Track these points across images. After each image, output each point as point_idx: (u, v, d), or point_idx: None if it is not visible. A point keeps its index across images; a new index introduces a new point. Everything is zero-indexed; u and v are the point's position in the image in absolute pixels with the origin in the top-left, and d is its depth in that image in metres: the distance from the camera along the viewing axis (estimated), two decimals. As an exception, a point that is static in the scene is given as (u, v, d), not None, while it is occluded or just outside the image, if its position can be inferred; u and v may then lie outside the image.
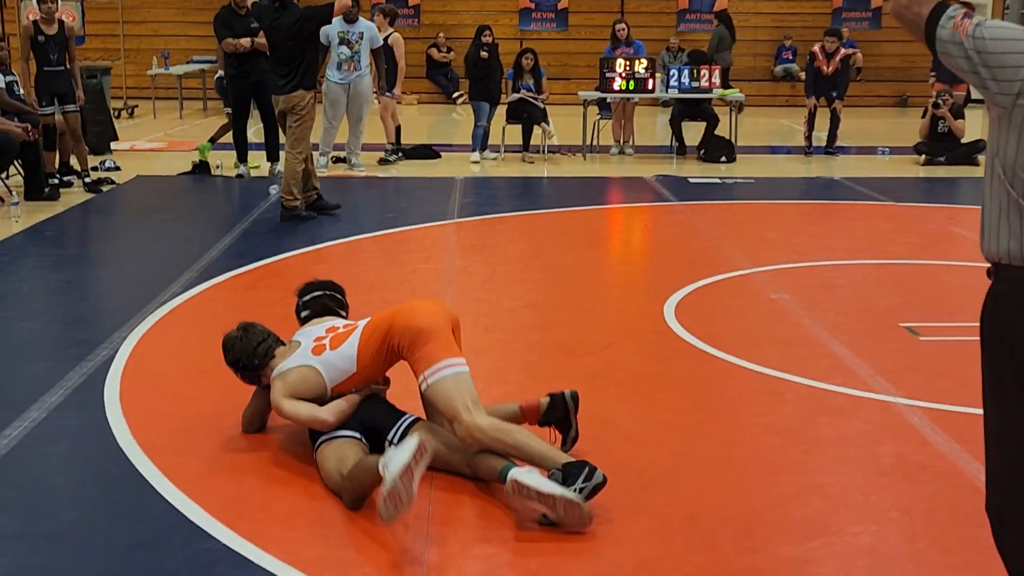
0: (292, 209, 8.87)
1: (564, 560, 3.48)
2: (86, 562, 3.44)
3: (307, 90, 8.88)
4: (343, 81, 11.31)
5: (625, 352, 5.65)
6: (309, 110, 8.90)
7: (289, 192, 8.86)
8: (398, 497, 3.49)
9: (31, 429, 4.48)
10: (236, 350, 4.38)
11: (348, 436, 4.02)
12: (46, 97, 10.38)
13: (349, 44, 11.26)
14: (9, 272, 7.34)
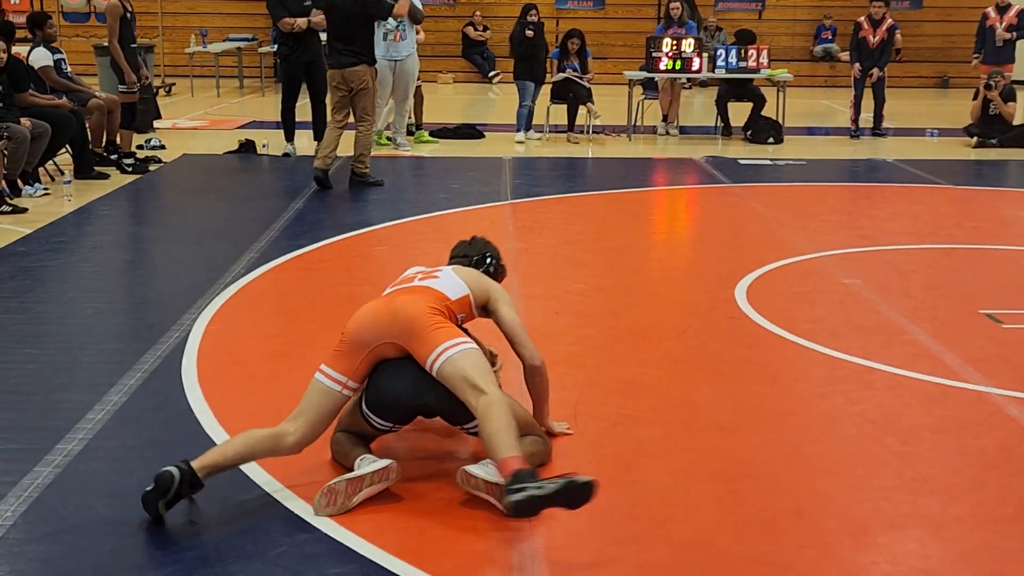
0: (363, 176, 9.49)
1: (672, 554, 3.40)
2: (187, 548, 3.38)
3: (369, 66, 9.33)
4: (390, 59, 11.20)
5: (702, 337, 5.55)
6: (370, 84, 9.34)
7: (360, 161, 9.49)
8: (333, 497, 3.58)
9: (114, 413, 4.42)
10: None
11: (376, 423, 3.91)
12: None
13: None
14: (69, 252, 7.29)
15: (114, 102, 10.81)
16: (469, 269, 4.24)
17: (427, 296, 3.95)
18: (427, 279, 4.08)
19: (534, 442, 3.91)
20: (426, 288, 4.01)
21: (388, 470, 3.67)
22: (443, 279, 4.07)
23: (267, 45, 18.89)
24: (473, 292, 4.06)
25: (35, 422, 4.34)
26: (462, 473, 3.66)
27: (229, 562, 3.31)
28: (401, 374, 3.80)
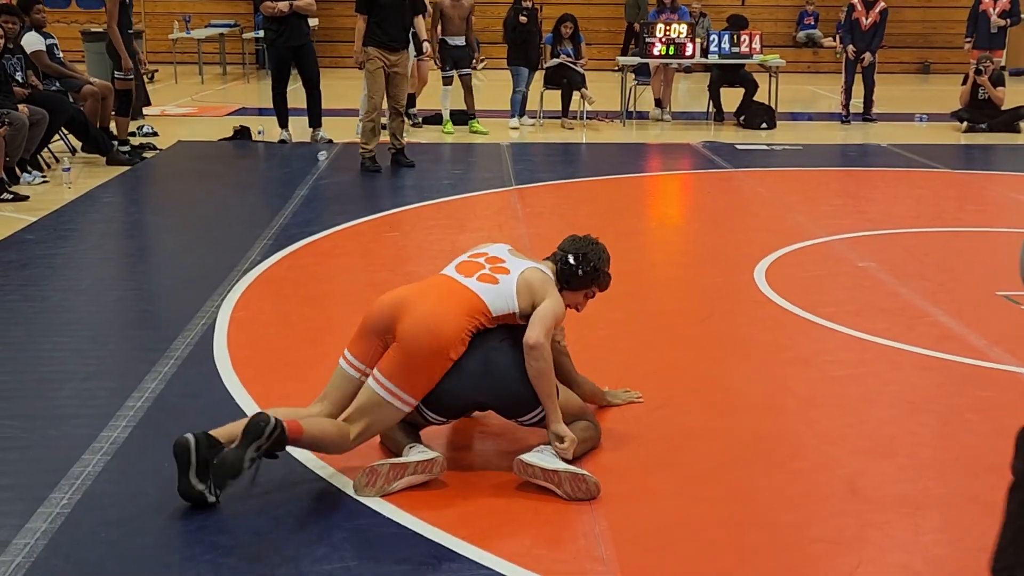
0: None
1: (734, 533, 3.42)
2: (249, 532, 3.37)
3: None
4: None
5: (729, 321, 5.58)
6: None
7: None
8: (374, 478, 3.57)
9: (153, 400, 4.39)
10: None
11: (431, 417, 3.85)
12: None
13: None
14: (78, 239, 7.22)
15: (107, 88, 10.70)
16: (544, 275, 3.92)
17: (462, 307, 3.75)
18: (489, 276, 3.85)
19: (585, 427, 3.92)
20: (469, 294, 3.79)
21: (434, 463, 3.65)
22: (503, 285, 3.83)
23: (249, 31, 18.77)
24: (521, 310, 3.82)
25: (72, 411, 4.30)
26: (519, 463, 3.66)
27: (294, 546, 3.29)
28: (458, 371, 3.75)
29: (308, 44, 10.85)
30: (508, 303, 3.81)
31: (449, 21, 11.80)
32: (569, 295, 4.03)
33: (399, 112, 9.60)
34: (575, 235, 4.19)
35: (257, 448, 3.48)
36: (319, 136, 11.07)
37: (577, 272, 4.00)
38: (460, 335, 3.71)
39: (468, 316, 3.75)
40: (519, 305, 3.81)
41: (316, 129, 11.11)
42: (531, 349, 3.69)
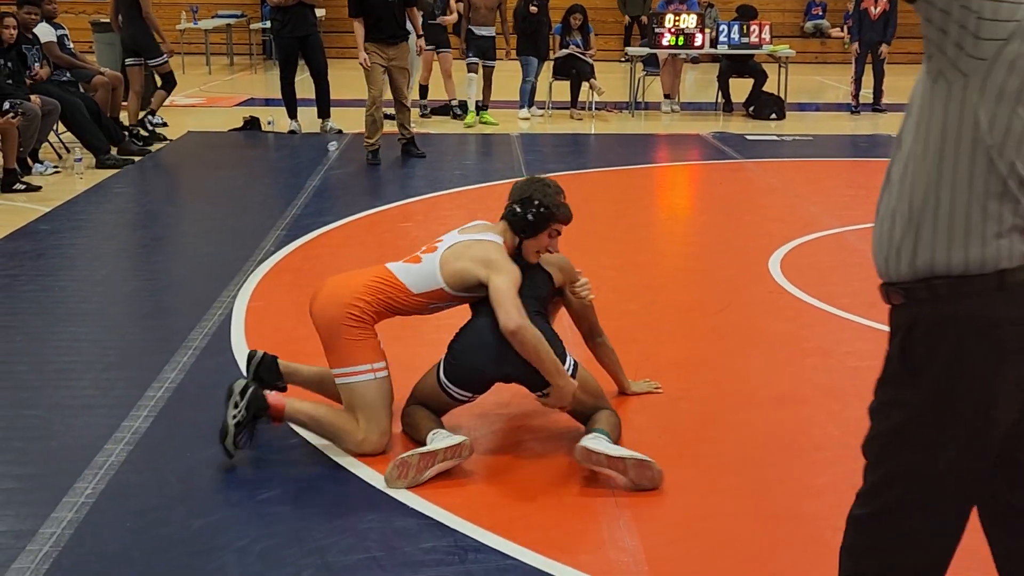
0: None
1: (760, 524, 3.42)
2: (275, 522, 3.37)
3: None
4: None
5: (745, 312, 5.58)
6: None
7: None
8: (405, 470, 3.58)
9: (173, 390, 4.40)
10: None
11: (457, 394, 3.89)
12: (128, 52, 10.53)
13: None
14: (93, 230, 7.23)
15: (117, 79, 10.71)
16: (481, 246, 3.85)
17: (366, 276, 3.87)
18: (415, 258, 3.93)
19: (609, 416, 3.91)
20: (379, 269, 3.91)
21: (462, 447, 3.66)
22: (424, 263, 3.88)
23: (257, 22, 18.74)
24: (449, 284, 3.82)
25: (93, 401, 4.31)
26: (581, 450, 3.61)
27: (320, 537, 3.30)
28: (482, 344, 3.77)
29: (314, 34, 10.84)
30: (431, 280, 3.84)
31: (476, 11, 11.79)
32: (532, 243, 3.93)
33: (404, 104, 9.55)
34: (518, 180, 4.11)
35: (235, 406, 3.71)
36: (328, 127, 11.07)
37: (527, 217, 3.87)
38: (357, 295, 3.79)
39: (369, 284, 3.82)
40: (444, 280, 3.82)
41: (325, 120, 11.11)
42: (511, 335, 3.66)
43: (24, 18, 9.32)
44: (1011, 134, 1.95)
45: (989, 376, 2.00)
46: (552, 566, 3.15)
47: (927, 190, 2.01)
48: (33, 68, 9.28)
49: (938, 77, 2.00)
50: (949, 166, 1.99)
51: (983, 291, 1.99)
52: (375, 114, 9.34)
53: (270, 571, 3.10)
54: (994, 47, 1.92)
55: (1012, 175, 1.96)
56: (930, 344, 2.04)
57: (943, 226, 2.00)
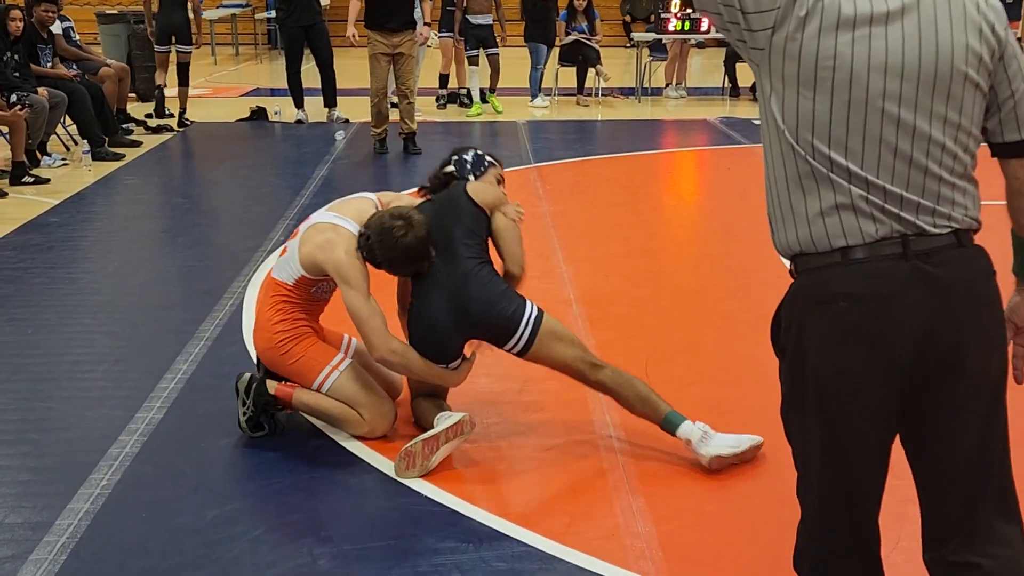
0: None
1: (776, 508, 3.42)
2: (290, 512, 3.39)
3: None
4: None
5: (755, 297, 5.57)
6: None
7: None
8: (411, 459, 3.58)
9: (185, 381, 4.42)
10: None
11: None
12: (164, 36, 10.83)
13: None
14: (103, 221, 7.25)
15: (123, 70, 10.73)
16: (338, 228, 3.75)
17: (263, 296, 3.94)
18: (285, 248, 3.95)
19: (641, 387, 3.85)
20: (267, 279, 3.96)
21: (462, 424, 3.65)
22: (289, 251, 3.87)
23: (262, 11, 18.73)
24: (306, 268, 3.77)
25: (106, 392, 4.32)
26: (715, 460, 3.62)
27: (334, 526, 3.32)
28: (434, 313, 3.73)
29: (320, 23, 10.82)
30: (294, 268, 3.83)
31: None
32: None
33: (407, 95, 9.40)
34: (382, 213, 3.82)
35: (243, 403, 3.84)
36: (335, 116, 11.06)
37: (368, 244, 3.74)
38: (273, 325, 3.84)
39: (271, 300, 3.88)
40: (303, 268, 3.80)
41: (332, 109, 11.10)
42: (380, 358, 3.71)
43: (42, 16, 9.32)
44: (802, 117, 1.98)
45: (827, 352, 2.03)
46: (566, 552, 3.16)
47: (765, 173, 2.10)
48: (50, 64, 9.32)
49: (751, 67, 2.09)
50: (768, 150, 2.07)
51: (824, 267, 2.02)
52: (380, 105, 9.30)
53: (285, 560, 3.12)
54: (766, 36, 1.98)
55: (817, 156, 1.98)
56: (782, 318, 2.15)
57: (776, 206, 2.08)
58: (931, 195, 1.99)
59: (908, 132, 1.95)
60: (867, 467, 2.12)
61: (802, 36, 1.95)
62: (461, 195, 3.94)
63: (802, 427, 2.15)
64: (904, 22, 1.94)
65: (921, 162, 1.97)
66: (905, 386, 2.03)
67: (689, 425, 3.71)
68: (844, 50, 1.94)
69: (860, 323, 1.99)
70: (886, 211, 1.98)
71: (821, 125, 1.97)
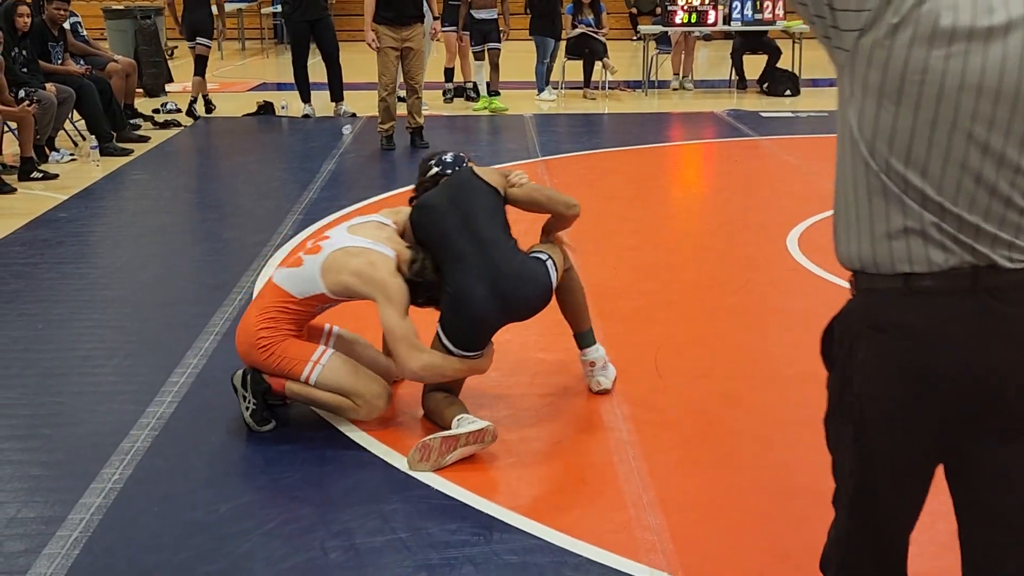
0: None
1: (785, 501, 3.43)
2: (301, 504, 3.39)
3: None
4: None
5: (764, 290, 5.57)
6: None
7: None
8: (427, 453, 3.60)
9: (196, 375, 4.42)
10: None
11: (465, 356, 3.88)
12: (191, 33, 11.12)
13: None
14: (112, 216, 7.27)
15: (131, 66, 10.75)
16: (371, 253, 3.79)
17: (258, 305, 3.91)
18: (297, 259, 3.90)
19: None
20: (269, 287, 3.93)
21: (485, 432, 3.67)
22: (306, 266, 3.84)
23: (268, 6, 18.74)
24: (331, 290, 3.79)
25: (117, 387, 4.33)
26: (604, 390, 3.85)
27: (346, 519, 3.32)
28: (478, 303, 3.75)
29: (326, 18, 10.83)
30: (312, 285, 3.82)
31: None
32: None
33: (415, 89, 9.35)
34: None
35: (243, 399, 3.87)
36: (342, 110, 11.07)
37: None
38: (258, 334, 3.84)
39: (264, 306, 3.88)
40: (326, 286, 3.80)
41: (339, 103, 11.11)
42: (416, 378, 3.82)
43: (54, 14, 9.34)
44: (880, 131, 1.83)
45: (874, 381, 1.90)
46: (577, 545, 3.16)
47: (836, 181, 1.96)
48: (60, 61, 9.35)
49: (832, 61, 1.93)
50: (841, 159, 1.93)
51: (884, 291, 1.88)
52: (388, 100, 9.24)
53: (297, 554, 3.12)
54: (852, 38, 1.83)
55: (891, 174, 1.83)
56: (835, 331, 1.99)
57: (843, 214, 1.94)
58: (1011, 227, 1.82)
59: (994, 159, 1.79)
60: (901, 504, 2.01)
61: (892, 44, 1.79)
62: (471, 177, 3.98)
63: (840, 446, 2.03)
64: (1008, 41, 1.76)
65: (1003, 191, 1.80)
66: (958, 428, 1.90)
67: (599, 349, 4.11)
68: (936, 64, 1.78)
69: (915, 358, 1.86)
70: (959, 241, 1.82)
71: (900, 142, 1.82)
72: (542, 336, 4.68)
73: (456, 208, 3.87)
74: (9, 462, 3.71)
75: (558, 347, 4.50)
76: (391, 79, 9.17)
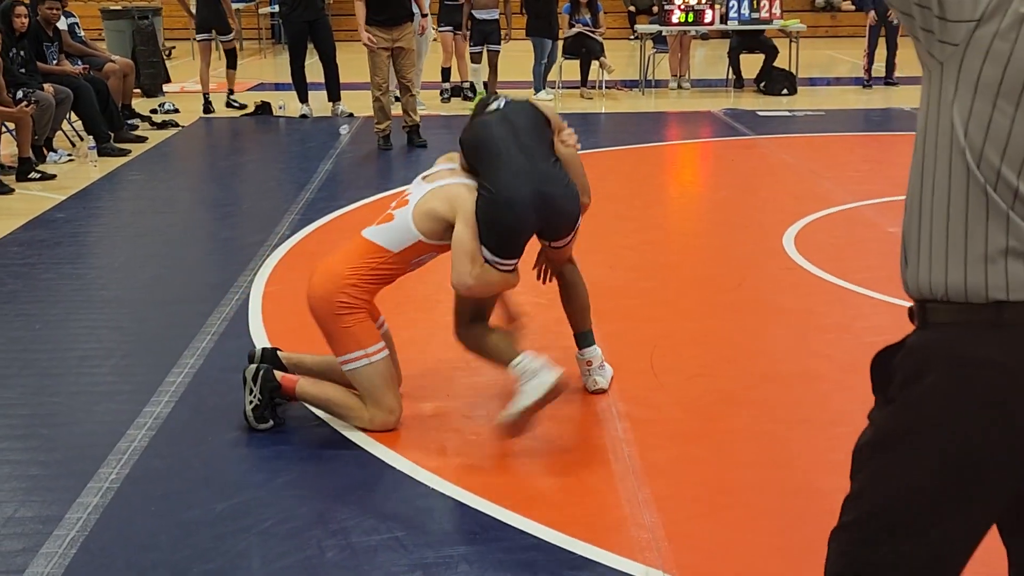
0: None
1: (780, 499, 3.44)
2: (298, 505, 3.40)
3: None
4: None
5: (761, 288, 5.59)
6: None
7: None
8: (517, 429, 3.65)
9: (193, 375, 4.43)
10: None
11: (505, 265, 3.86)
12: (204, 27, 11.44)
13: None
14: (109, 217, 7.28)
15: (128, 66, 10.76)
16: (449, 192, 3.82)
17: (347, 256, 3.87)
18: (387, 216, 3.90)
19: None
20: (358, 241, 3.91)
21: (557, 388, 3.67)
22: (397, 219, 3.86)
23: (265, 6, 18.74)
24: (427, 235, 3.81)
25: (115, 387, 4.34)
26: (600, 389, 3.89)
27: (342, 518, 3.33)
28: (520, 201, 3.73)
29: (323, 18, 10.86)
30: (406, 235, 3.82)
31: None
32: None
33: (408, 88, 9.39)
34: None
35: (250, 392, 3.87)
36: (339, 110, 11.08)
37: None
38: (345, 282, 3.80)
39: (354, 266, 3.83)
40: (421, 233, 3.81)
41: (336, 103, 11.12)
42: (467, 292, 3.78)
43: (46, 13, 9.35)
44: (993, 135, 1.62)
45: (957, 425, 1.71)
46: (573, 544, 3.17)
47: (911, 198, 1.75)
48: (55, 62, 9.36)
49: (923, 64, 1.72)
50: (929, 165, 1.71)
51: (970, 323, 1.69)
52: (382, 99, 9.28)
53: (294, 552, 3.13)
54: (965, 29, 1.62)
55: (999, 185, 1.63)
56: (896, 369, 1.80)
57: (925, 234, 1.73)
58: None
59: None
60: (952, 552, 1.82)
61: (1017, 36, 1.59)
62: (527, 105, 4.03)
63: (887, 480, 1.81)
64: None
65: None
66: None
67: (596, 350, 4.16)
68: None
69: (1007, 399, 1.67)
70: None
71: (1016, 149, 1.61)
72: (538, 335, 4.68)
73: (506, 122, 3.90)
74: (7, 462, 3.71)
75: (555, 346, 4.50)
76: (383, 78, 9.20)
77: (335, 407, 3.92)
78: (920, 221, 1.72)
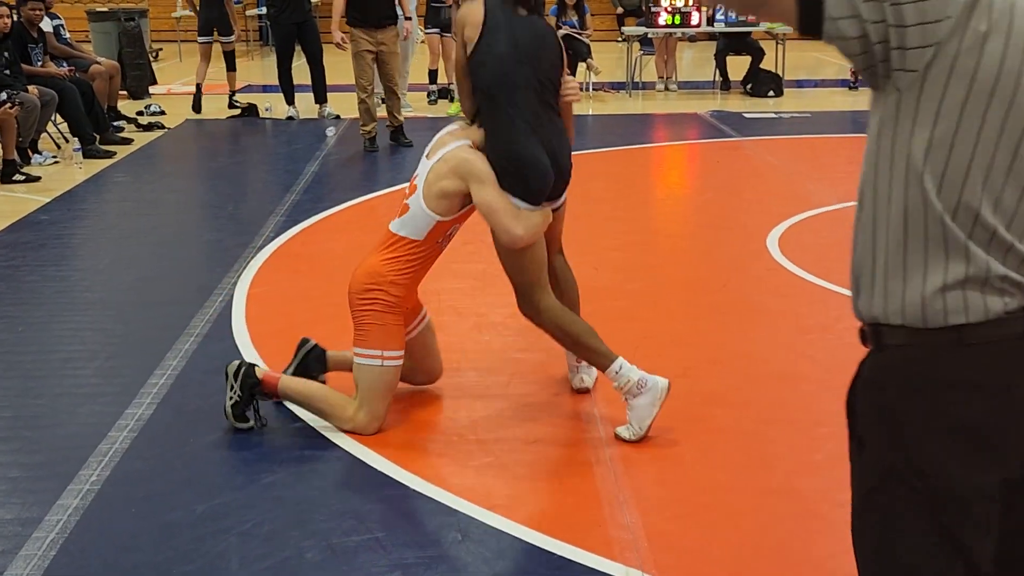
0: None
1: (760, 499, 3.45)
2: (276, 506, 3.40)
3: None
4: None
5: (744, 289, 5.60)
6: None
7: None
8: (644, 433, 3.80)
9: (176, 377, 4.42)
10: None
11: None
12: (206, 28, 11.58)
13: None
14: (94, 219, 7.27)
15: (114, 68, 10.74)
16: (452, 161, 3.79)
17: (378, 250, 3.87)
18: (403, 207, 3.87)
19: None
20: (387, 235, 3.88)
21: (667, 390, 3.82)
22: (413, 208, 3.83)
23: (253, 8, 18.71)
24: (443, 215, 3.80)
25: (97, 389, 4.34)
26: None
27: (322, 519, 3.33)
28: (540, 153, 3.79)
29: (310, 20, 10.86)
30: (426, 221, 3.82)
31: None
32: None
33: (393, 91, 9.38)
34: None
35: (231, 388, 3.87)
36: (326, 112, 11.08)
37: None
38: (390, 279, 3.81)
39: (387, 257, 3.83)
40: (439, 214, 3.81)
41: (323, 105, 11.11)
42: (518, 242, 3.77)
43: (29, 14, 9.33)
44: (955, 160, 1.59)
45: (931, 453, 1.65)
46: (552, 544, 3.17)
47: (863, 230, 1.71)
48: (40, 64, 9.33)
49: (876, 96, 1.68)
50: (883, 194, 1.66)
51: (931, 346, 1.65)
52: (368, 101, 9.28)
53: (274, 553, 3.13)
54: (925, 55, 1.58)
55: (958, 216, 1.60)
56: (856, 404, 1.78)
57: (876, 264, 1.68)
58: None
59: None
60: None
61: (981, 54, 1.57)
62: (552, 35, 3.99)
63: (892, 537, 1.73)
64: None
65: None
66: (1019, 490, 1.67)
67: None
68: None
69: (976, 417, 1.64)
70: (1018, 284, 1.62)
71: (977, 171, 1.59)
72: (521, 336, 4.70)
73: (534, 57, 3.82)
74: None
75: (537, 347, 4.52)
76: (368, 81, 9.21)
77: (317, 404, 3.92)
78: (875, 254, 1.68)
